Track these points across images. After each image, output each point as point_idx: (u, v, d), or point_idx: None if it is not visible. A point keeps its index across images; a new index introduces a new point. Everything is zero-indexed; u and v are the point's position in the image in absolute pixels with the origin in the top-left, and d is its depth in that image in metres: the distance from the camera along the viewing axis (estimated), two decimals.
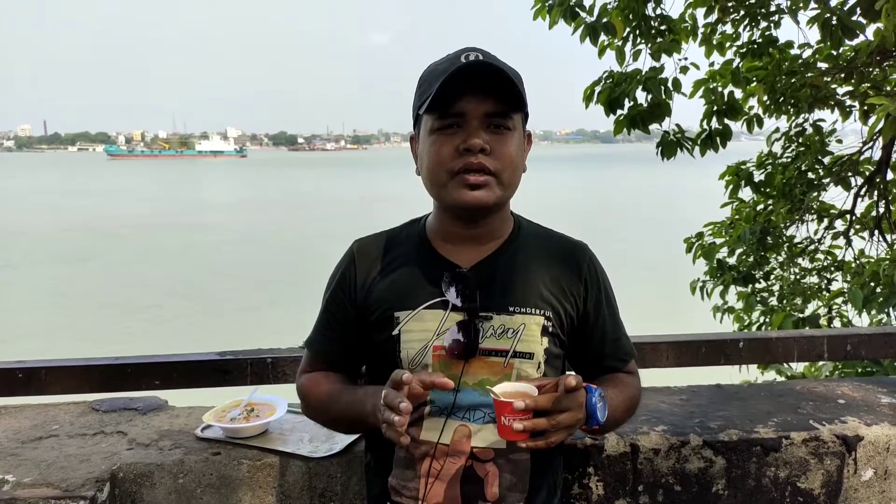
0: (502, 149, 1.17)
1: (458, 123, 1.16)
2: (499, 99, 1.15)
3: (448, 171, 1.17)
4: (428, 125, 1.19)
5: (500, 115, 1.17)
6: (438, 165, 1.18)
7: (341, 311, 1.29)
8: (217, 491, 1.51)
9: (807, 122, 5.32)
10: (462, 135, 1.16)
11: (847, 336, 2.06)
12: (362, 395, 1.20)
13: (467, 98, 1.15)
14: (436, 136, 1.18)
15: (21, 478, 1.45)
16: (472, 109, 1.15)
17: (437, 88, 1.12)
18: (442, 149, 1.17)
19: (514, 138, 1.19)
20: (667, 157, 4.77)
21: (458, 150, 1.16)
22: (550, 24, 4.74)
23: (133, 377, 1.86)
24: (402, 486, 1.21)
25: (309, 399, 1.32)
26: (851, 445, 1.62)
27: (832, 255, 5.41)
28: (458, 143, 1.15)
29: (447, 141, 1.17)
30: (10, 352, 3.40)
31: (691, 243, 5.58)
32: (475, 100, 1.15)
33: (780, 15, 4.78)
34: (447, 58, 1.20)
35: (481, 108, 1.15)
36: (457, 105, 1.15)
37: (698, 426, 1.66)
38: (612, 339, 1.31)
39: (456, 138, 1.16)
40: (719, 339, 2.08)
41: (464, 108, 1.15)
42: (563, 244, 1.32)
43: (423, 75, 1.23)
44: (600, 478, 1.58)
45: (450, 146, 1.16)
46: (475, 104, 1.15)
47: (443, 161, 1.17)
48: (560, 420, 1.05)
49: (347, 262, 1.31)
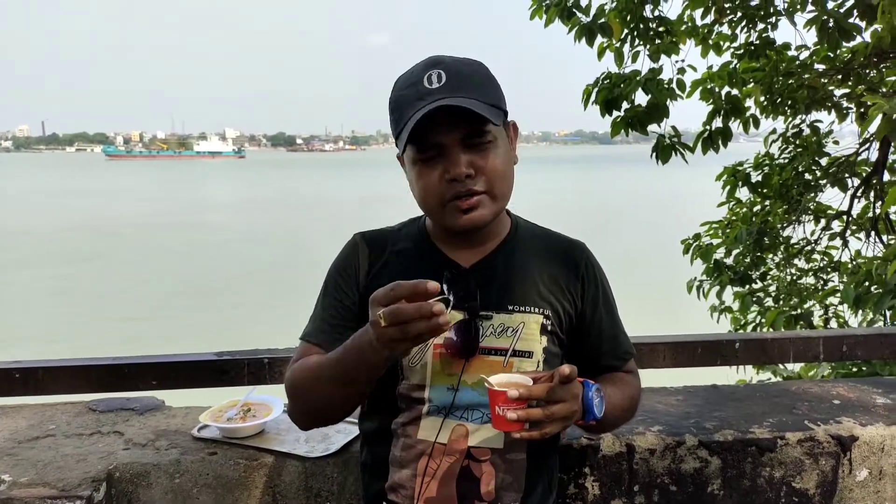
0: (487, 164, 1.16)
1: (438, 153, 1.16)
2: (472, 122, 1.14)
3: (438, 200, 1.17)
4: (410, 156, 1.19)
5: (476, 134, 1.16)
6: (428, 195, 1.18)
7: (345, 298, 1.26)
8: (213, 491, 1.51)
9: (804, 124, 5.34)
10: (443, 163, 1.15)
11: (843, 337, 2.07)
12: (355, 336, 1.08)
13: (441, 128, 1.13)
14: (420, 168, 1.18)
15: (17, 477, 1.45)
16: (448, 139, 1.15)
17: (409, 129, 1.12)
18: (428, 179, 1.17)
19: (497, 148, 1.18)
20: (662, 161, 4.78)
21: (443, 179, 1.16)
22: (546, 23, 4.75)
23: (130, 377, 1.87)
24: (398, 485, 1.22)
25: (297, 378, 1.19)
26: (846, 446, 1.63)
27: (828, 255, 5.43)
28: (441, 173, 1.15)
29: (430, 171, 1.17)
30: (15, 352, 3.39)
31: (689, 245, 5.60)
32: (448, 128, 1.14)
33: (777, 17, 4.80)
34: (411, 79, 1.18)
35: (456, 135, 1.15)
36: (432, 137, 1.14)
37: (694, 426, 1.67)
38: (610, 336, 1.32)
39: (439, 167, 1.16)
40: (716, 340, 2.09)
41: (440, 140, 1.15)
42: (560, 243, 1.33)
43: (392, 99, 1.21)
44: (596, 478, 1.59)
45: (434, 176, 1.16)
46: (449, 133, 1.14)
47: (431, 191, 1.17)
48: (555, 411, 1.05)
49: (350, 252, 1.30)
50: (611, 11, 4.66)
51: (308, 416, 1.24)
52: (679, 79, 4.70)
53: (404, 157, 1.23)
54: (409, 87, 1.17)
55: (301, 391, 1.20)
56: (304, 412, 1.23)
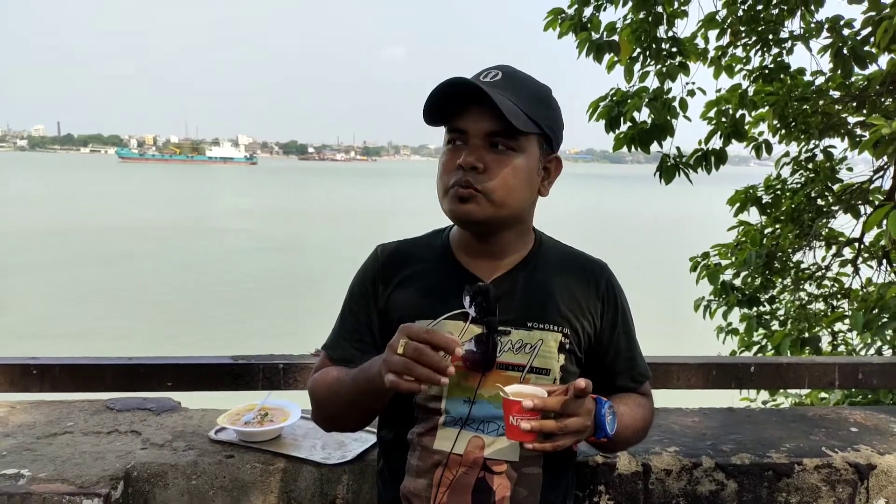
0: (498, 169, 1.17)
1: (463, 140, 1.18)
2: (501, 119, 1.14)
3: (444, 184, 1.20)
4: (444, 138, 1.23)
5: (502, 135, 1.17)
6: (441, 178, 1.21)
7: (363, 314, 1.29)
8: (229, 494, 1.51)
9: (817, 149, 5.34)
10: (463, 151, 1.18)
11: (859, 364, 2.07)
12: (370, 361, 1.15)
13: (470, 115, 1.16)
14: (445, 150, 1.22)
15: (36, 473, 1.46)
16: (472, 127, 1.17)
17: (429, 98, 1.15)
18: (446, 163, 1.20)
19: (517, 159, 1.18)
20: (666, 181, 4.79)
21: (457, 165, 1.18)
22: (560, 35, 4.79)
23: (145, 378, 1.88)
24: (413, 493, 1.22)
25: (318, 389, 1.27)
26: (864, 474, 1.62)
27: (839, 282, 5.40)
28: (458, 159, 1.18)
29: (451, 156, 1.19)
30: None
31: (696, 262, 5.59)
32: (475, 118, 1.16)
33: (792, 41, 4.82)
34: (478, 73, 1.22)
35: (480, 127, 1.16)
36: (458, 121, 1.18)
37: (711, 448, 1.66)
38: (627, 357, 1.32)
39: (458, 153, 1.18)
40: (731, 363, 2.09)
41: (464, 126, 1.17)
42: (582, 262, 1.33)
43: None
44: (611, 496, 1.58)
45: (452, 161, 1.19)
46: (474, 122, 1.16)
47: (443, 174, 1.21)
48: (568, 424, 1.06)
49: (371, 266, 1.31)
50: (624, 29, 4.69)
51: (328, 422, 1.33)
52: (682, 98, 4.72)
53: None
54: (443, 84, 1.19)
55: (320, 401, 1.28)
56: (324, 419, 1.31)
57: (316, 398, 1.28)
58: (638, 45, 4.70)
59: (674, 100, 4.69)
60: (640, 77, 4.75)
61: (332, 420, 1.30)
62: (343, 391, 1.20)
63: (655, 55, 4.69)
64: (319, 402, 1.28)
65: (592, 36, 4.67)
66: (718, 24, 4.78)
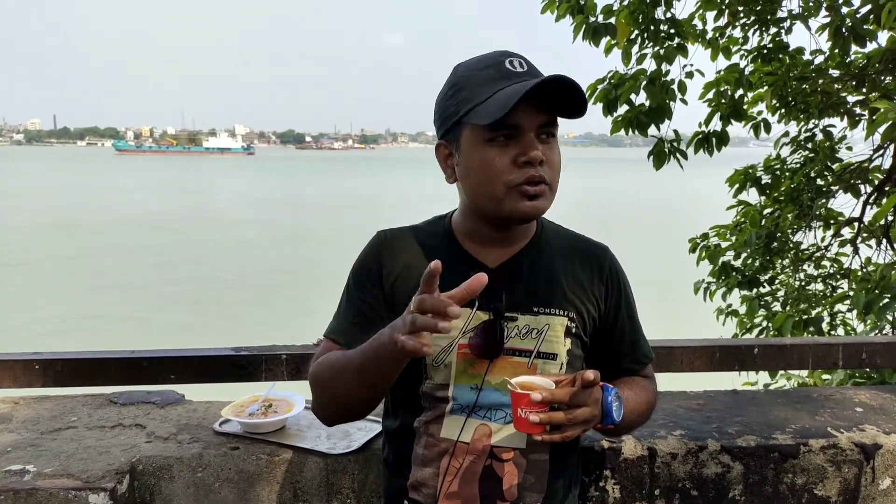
0: (552, 158, 1.16)
1: (510, 135, 1.14)
2: (551, 111, 1.14)
3: (506, 183, 1.14)
4: (477, 136, 1.15)
5: (550, 125, 1.16)
6: (495, 178, 1.15)
7: (370, 297, 1.25)
8: (235, 485, 1.51)
9: (817, 128, 5.31)
10: (516, 146, 1.13)
11: (863, 344, 2.06)
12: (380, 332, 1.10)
13: (525, 110, 1.11)
14: (488, 148, 1.15)
15: (42, 468, 1.46)
16: (529, 122, 1.13)
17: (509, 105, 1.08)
18: (498, 161, 1.14)
19: (557, 146, 1.19)
20: (658, 166, 4.77)
21: (515, 163, 1.14)
22: (557, 17, 4.74)
23: (148, 371, 1.87)
24: (420, 483, 1.21)
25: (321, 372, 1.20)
26: (870, 454, 1.62)
27: (838, 262, 5.40)
28: (516, 155, 1.13)
29: (502, 152, 1.14)
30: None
31: (696, 243, 5.58)
32: (531, 112, 1.12)
33: (791, 20, 4.78)
34: (486, 61, 1.17)
35: (537, 120, 1.14)
36: (513, 117, 1.11)
37: (716, 431, 1.66)
38: (630, 340, 1.32)
39: (511, 149, 1.14)
40: (734, 345, 2.09)
41: (520, 121, 1.13)
42: (585, 245, 1.32)
43: (458, 80, 1.19)
44: (617, 481, 1.58)
45: (506, 158, 1.14)
46: (531, 117, 1.13)
47: (500, 174, 1.14)
48: (576, 414, 1.06)
49: (374, 250, 1.28)
50: (622, 11, 4.65)
51: (331, 410, 1.24)
52: (680, 80, 4.68)
53: (463, 137, 1.18)
54: (486, 69, 1.16)
55: (324, 386, 1.20)
56: (326, 406, 1.23)
57: (319, 382, 1.21)
58: (635, 27, 4.66)
59: (672, 82, 4.66)
60: (638, 59, 4.72)
61: (335, 408, 1.22)
62: (349, 370, 1.14)
63: (653, 37, 4.65)
64: (323, 385, 1.20)
65: (589, 19, 4.63)
66: (716, 5, 4.73)
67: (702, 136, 4.85)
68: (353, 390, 1.15)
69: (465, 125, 1.16)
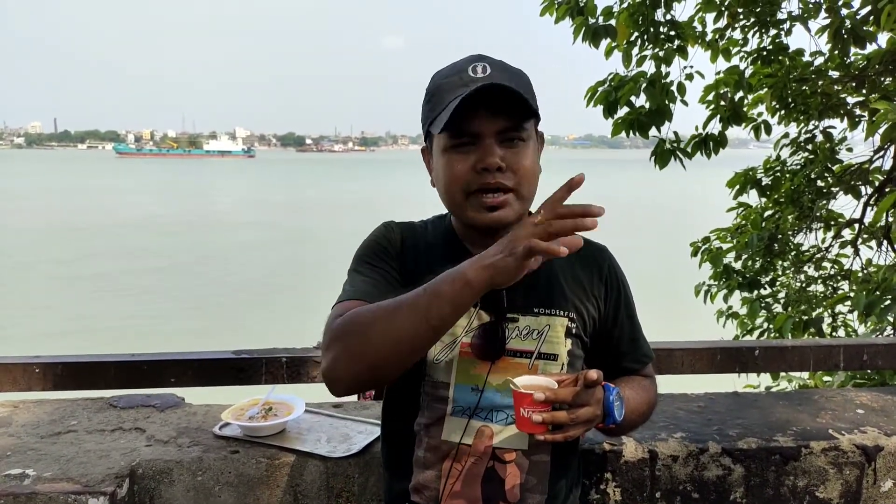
0: (518, 162, 1.16)
1: (471, 142, 1.15)
2: (511, 115, 1.14)
3: (464, 190, 1.16)
4: (441, 143, 1.18)
5: (513, 129, 1.16)
6: (454, 184, 1.17)
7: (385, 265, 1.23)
8: (235, 489, 1.51)
9: (816, 130, 5.31)
10: (476, 153, 1.15)
11: (863, 346, 2.06)
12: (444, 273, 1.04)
13: (480, 117, 1.13)
14: (450, 155, 1.17)
15: (41, 472, 1.45)
16: (486, 128, 1.14)
17: (451, 112, 1.11)
18: (457, 168, 1.16)
19: (528, 148, 1.18)
20: (660, 166, 4.77)
21: (474, 169, 1.15)
22: (557, 20, 4.75)
23: (148, 374, 1.87)
24: (422, 485, 1.21)
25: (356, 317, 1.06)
26: (871, 455, 1.62)
27: (839, 263, 5.40)
28: (474, 162, 1.15)
29: (462, 160, 1.16)
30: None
31: (697, 247, 5.58)
32: (488, 118, 1.14)
33: (790, 22, 4.79)
34: (454, 68, 1.19)
35: (494, 126, 1.14)
36: (470, 125, 1.14)
37: (717, 433, 1.66)
38: (630, 339, 1.32)
39: (471, 157, 1.15)
40: (735, 347, 2.09)
41: (477, 128, 1.14)
42: (583, 246, 1.33)
43: (431, 88, 1.21)
44: (618, 483, 1.58)
45: (465, 165, 1.15)
46: (488, 123, 1.14)
47: (458, 180, 1.16)
48: (579, 414, 1.06)
49: (385, 234, 1.28)
50: (621, 13, 4.65)
51: (359, 363, 1.06)
52: (680, 82, 4.69)
53: (433, 146, 1.22)
54: (452, 76, 1.18)
55: (365, 328, 1.05)
56: (354, 358, 1.05)
57: (354, 329, 1.05)
58: (635, 29, 4.67)
59: (672, 84, 4.66)
60: (638, 61, 4.72)
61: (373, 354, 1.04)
62: (407, 305, 1.03)
63: (653, 39, 4.66)
64: (362, 331, 1.05)
65: (589, 21, 4.63)
66: (716, 7, 4.74)
67: (699, 139, 4.85)
68: (407, 333, 1.02)
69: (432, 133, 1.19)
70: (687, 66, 4.71)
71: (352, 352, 1.05)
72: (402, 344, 1.04)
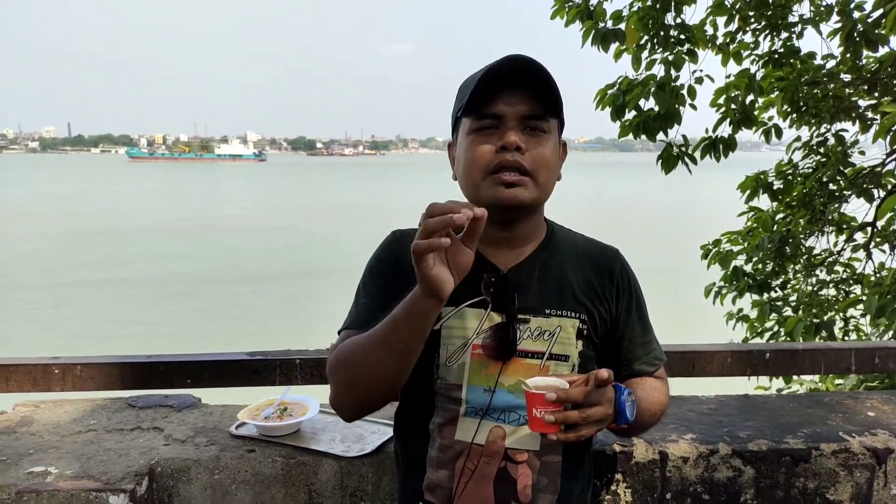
0: (538, 149, 1.19)
1: (495, 125, 1.19)
2: (536, 101, 1.18)
3: (483, 169, 1.19)
4: (466, 127, 1.22)
5: (536, 118, 1.19)
6: (474, 164, 1.20)
7: (388, 284, 1.25)
8: (251, 487, 1.54)
9: (828, 133, 5.29)
10: (499, 134, 1.18)
11: (876, 349, 2.05)
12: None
13: (505, 99, 1.18)
14: (473, 137, 1.21)
15: (63, 470, 1.49)
16: (510, 110, 1.18)
17: (476, 85, 1.16)
18: (478, 148, 1.19)
19: (549, 141, 1.21)
20: (666, 170, 4.76)
21: (494, 149, 1.18)
22: (567, 23, 4.76)
23: (165, 375, 1.90)
24: (435, 485, 1.23)
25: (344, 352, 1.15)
26: (882, 458, 1.62)
27: (851, 267, 5.36)
28: (495, 142, 1.18)
29: (484, 140, 1.19)
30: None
31: (707, 250, 5.57)
32: (513, 101, 1.18)
33: (802, 25, 4.77)
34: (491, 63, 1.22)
35: (518, 110, 1.18)
36: (494, 106, 1.18)
37: (727, 435, 1.67)
38: (642, 342, 1.33)
39: (493, 138, 1.19)
40: (746, 350, 2.09)
41: (501, 110, 1.18)
42: (595, 248, 1.34)
43: (464, 83, 1.26)
44: (629, 484, 1.59)
45: (486, 145, 1.19)
46: (513, 105, 1.18)
47: (478, 159, 1.19)
48: (591, 413, 1.07)
49: (391, 246, 1.31)
50: (631, 17, 4.66)
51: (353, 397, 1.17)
52: (690, 86, 4.68)
53: (459, 134, 1.25)
54: (482, 70, 1.20)
55: (347, 368, 1.15)
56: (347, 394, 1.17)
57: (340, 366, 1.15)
58: (645, 33, 4.67)
59: (682, 87, 4.66)
60: (647, 65, 4.72)
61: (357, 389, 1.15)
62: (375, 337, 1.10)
63: (663, 42, 4.66)
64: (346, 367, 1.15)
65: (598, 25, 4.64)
66: (727, 10, 4.73)
67: (709, 142, 4.84)
68: (380, 364, 1.10)
69: (461, 121, 1.24)
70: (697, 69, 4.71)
71: (346, 384, 1.17)
72: (379, 372, 1.12)
